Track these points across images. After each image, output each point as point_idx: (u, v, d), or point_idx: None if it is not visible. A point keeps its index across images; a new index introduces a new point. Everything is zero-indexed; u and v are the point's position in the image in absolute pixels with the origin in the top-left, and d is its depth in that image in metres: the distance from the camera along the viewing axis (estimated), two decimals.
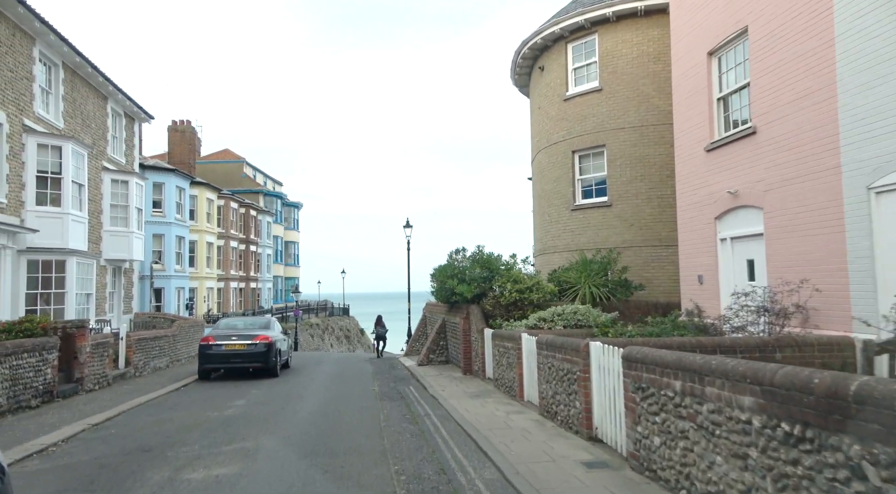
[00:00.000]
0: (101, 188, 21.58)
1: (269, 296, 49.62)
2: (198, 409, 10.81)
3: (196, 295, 35.16)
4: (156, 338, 17.81)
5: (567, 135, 17.42)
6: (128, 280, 24.15)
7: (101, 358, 13.76)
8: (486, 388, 12.34)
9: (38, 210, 16.65)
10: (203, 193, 36.07)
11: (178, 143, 46.53)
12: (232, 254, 41.34)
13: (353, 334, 57.04)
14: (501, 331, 11.80)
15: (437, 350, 18.39)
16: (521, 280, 13.65)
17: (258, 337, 15.67)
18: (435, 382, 13.80)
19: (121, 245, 22.26)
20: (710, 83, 11.37)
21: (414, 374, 16.11)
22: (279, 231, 53.32)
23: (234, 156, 53.46)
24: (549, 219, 18.11)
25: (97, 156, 21.27)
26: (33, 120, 16.88)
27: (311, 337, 43.70)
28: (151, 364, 17.26)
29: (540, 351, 9.05)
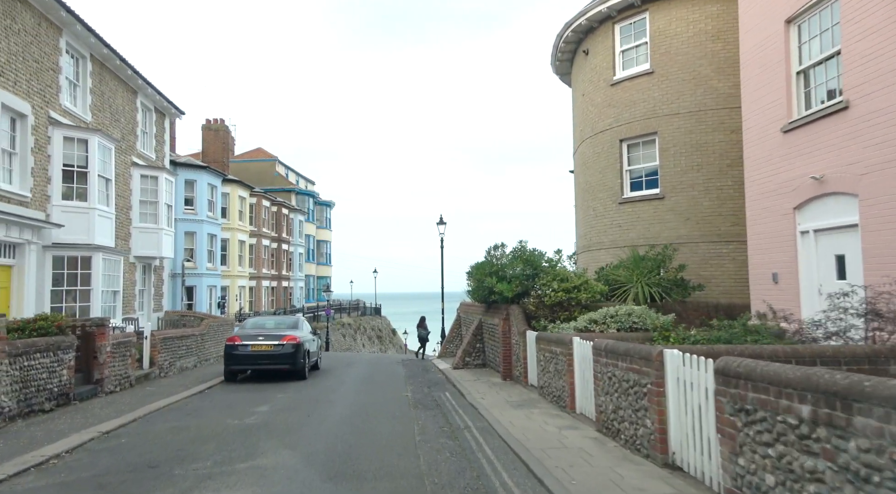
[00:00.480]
0: (130, 184, 21.20)
1: (301, 295, 49.33)
2: (218, 416, 9.99)
3: (228, 293, 34.88)
4: (182, 337, 17.22)
5: (614, 122, 16.13)
6: (158, 277, 23.79)
7: (122, 358, 13.13)
8: (529, 397, 11.21)
9: (63, 205, 16.22)
10: (235, 191, 35.79)
11: (211, 142, 46.63)
12: (264, 253, 41.06)
13: (384, 334, 56.44)
14: (548, 334, 10.66)
15: (474, 352, 17.33)
16: (567, 278, 12.48)
17: (286, 337, 14.88)
18: (472, 388, 12.74)
19: (150, 242, 21.86)
20: (787, 55, 10.01)
21: (449, 378, 15.09)
22: (311, 230, 53.04)
23: (266, 154, 53.43)
24: (594, 213, 16.84)
25: (126, 151, 20.89)
26: (60, 112, 16.47)
27: (343, 337, 43.15)
28: (178, 364, 16.67)
29: (598, 357, 7.89)
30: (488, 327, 16.34)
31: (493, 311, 15.72)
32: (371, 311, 57.77)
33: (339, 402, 11.38)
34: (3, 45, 13.98)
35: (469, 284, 16.97)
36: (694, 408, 5.55)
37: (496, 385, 13.19)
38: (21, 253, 14.74)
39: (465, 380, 14.20)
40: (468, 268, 16.49)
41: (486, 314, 16.70)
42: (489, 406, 10.36)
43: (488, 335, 16.41)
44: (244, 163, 49.82)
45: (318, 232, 55.66)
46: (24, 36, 14.84)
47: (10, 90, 14.18)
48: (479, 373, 15.56)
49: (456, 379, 14.48)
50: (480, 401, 10.92)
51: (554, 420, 8.93)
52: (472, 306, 20.33)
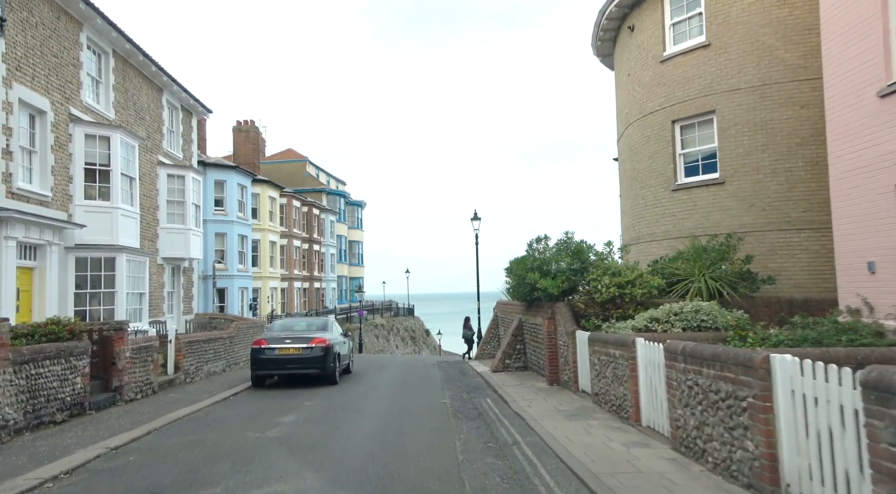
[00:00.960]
0: (157, 183, 20.70)
1: (334, 296, 48.84)
2: (238, 427, 9.09)
3: (259, 295, 34.46)
4: (210, 341, 16.52)
5: (665, 102, 14.73)
6: (187, 279, 23.31)
7: (143, 363, 12.41)
8: (582, 405, 9.98)
9: (86, 204, 15.68)
10: (265, 191, 35.36)
11: (242, 144, 46.57)
12: (295, 254, 40.62)
13: (418, 335, 55.61)
14: (603, 335, 9.43)
15: (514, 354, 16.16)
16: (619, 272, 11.21)
17: (314, 340, 13.98)
18: (517, 394, 11.58)
19: (178, 242, 21.34)
20: (885, 7, 8.56)
21: (489, 383, 13.96)
22: (342, 230, 52.56)
23: (297, 155, 53.19)
24: (644, 202, 15.46)
25: (152, 149, 20.39)
26: (81, 109, 15.94)
27: (376, 338, 42.41)
28: (205, 368, 15.96)
29: (673, 362, 6.66)
30: (530, 327, 15.15)
31: (535, 310, 14.52)
32: (404, 312, 56.99)
33: (371, 411, 10.36)
34: (20, 38, 13.45)
35: (507, 281, 15.81)
36: (821, 431, 4.30)
37: (542, 391, 11.99)
38: (42, 255, 14.22)
39: (506, 385, 13.05)
40: (507, 264, 15.32)
41: (526, 313, 15.51)
42: (538, 416, 9.19)
43: (530, 336, 15.22)
44: (275, 165, 49.62)
45: (350, 232, 55.16)
46: (43, 30, 14.32)
47: (27, 85, 13.65)
48: (521, 377, 14.39)
49: (497, 384, 13.35)
50: (527, 410, 9.76)
51: (617, 434, 7.71)
52: (511, 305, 19.17)
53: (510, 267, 14.52)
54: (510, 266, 14.42)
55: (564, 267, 12.00)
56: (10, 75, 13.05)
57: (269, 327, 15.54)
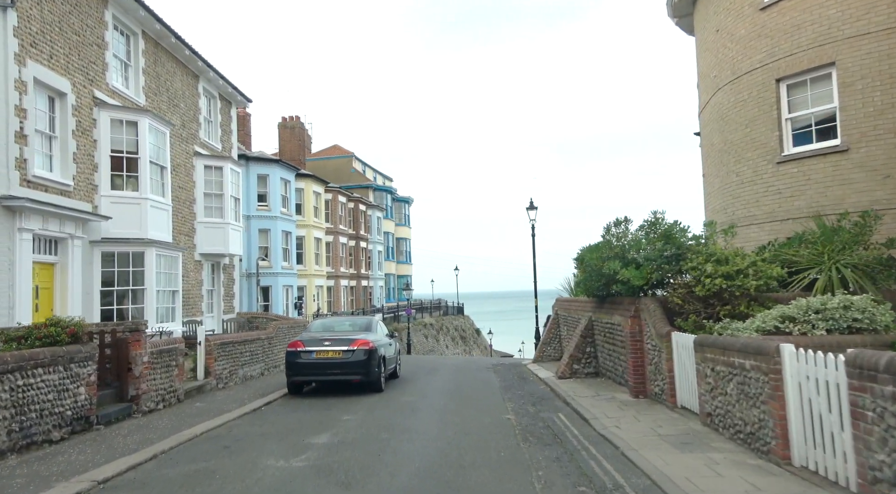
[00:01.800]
0: (193, 175, 19.56)
1: (381, 295, 47.55)
2: (260, 452, 7.42)
3: (305, 293, 33.36)
4: (245, 342, 15.10)
5: (767, 57, 12.28)
6: (228, 276, 22.17)
7: (166, 368, 10.99)
8: (689, 428, 7.82)
9: (112, 195, 14.51)
10: (309, 186, 34.24)
11: (287, 140, 45.88)
12: (341, 251, 39.45)
13: (468, 334, 53.76)
14: (721, 339, 7.25)
15: (583, 359, 14.04)
16: (727, 259, 8.97)
17: (357, 342, 12.29)
18: (596, 409, 9.51)
19: (216, 237, 20.17)
20: None
21: (557, 392, 11.93)
22: (390, 227, 51.24)
23: (343, 151, 52.24)
24: (739, 179, 13.04)
25: (187, 139, 19.25)
26: (107, 92, 14.79)
27: (426, 338, 40.80)
28: (240, 372, 14.55)
29: (866, 383, 4.49)
30: (603, 327, 13.00)
31: (610, 307, 12.36)
32: (453, 311, 55.24)
33: (421, 431, 8.51)
34: (35, 12, 12.30)
35: (575, 274, 13.72)
36: None
37: (627, 405, 9.86)
38: (64, 250, 13.07)
39: (579, 396, 10.98)
40: (576, 254, 13.21)
41: (599, 311, 13.36)
42: (636, 443, 7.11)
43: (604, 337, 13.07)
44: (321, 161, 48.75)
45: (397, 229, 53.82)
46: (62, 4, 13.17)
47: (44, 64, 12.50)
48: (595, 386, 12.27)
49: (566, 394, 11.30)
50: (617, 433, 7.69)
51: (762, 478, 5.57)
52: (576, 302, 17.02)
53: (580, 257, 12.40)
54: (581, 255, 12.31)
55: (654, 253, 9.80)
56: (24, 52, 11.89)
57: (307, 327, 13.97)
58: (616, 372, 12.22)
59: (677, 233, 9.87)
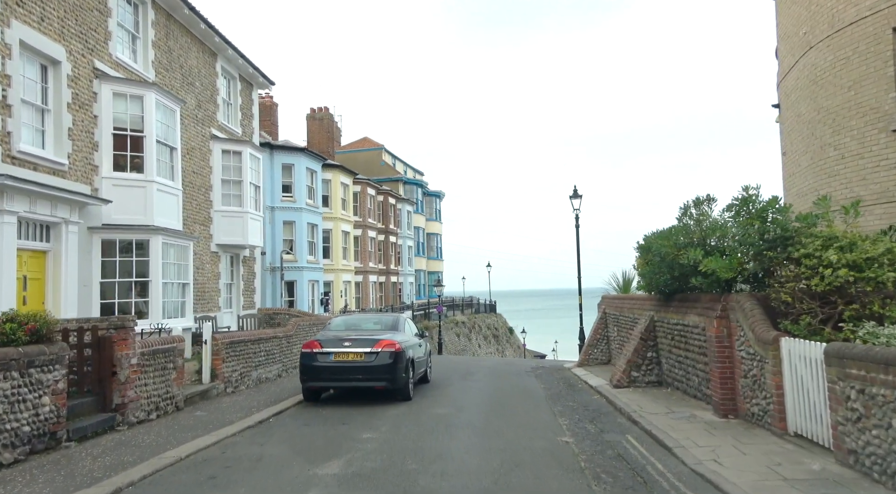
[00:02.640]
0: (210, 159, 18.19)
1: (411, 291, 45.99)
2: (251, 486, 5.75)
3: (332, 289, 31.97)
4: (260, 341, 13.57)
5: (882, 0, 10.09)
6: (248, 270, 20.80)
7: (160, 371, 9.48)
8: (824, 468, 5.81)
9: (115, 177, 13.14)
10: (337, 177, 32.80)
11: (316, 132, 44.66)
12: (370, 245, 37.98)
13: (501, 333, 51.82)
14: (877, 350, 5.26)
15: (643, 365, 12.07)
16: (852, 244, 6.94)
17: (381, 342, 10.60)
18: (677, 433, 7.58)
19: (234, 227, 18.78)
20: None
21: (616, 405, 10.04)
22: (420, 221, 49.63)
23: (372, 143, 50.85)
24: (838, 153, 10.86)
25: (203, 121, 17.88)
26: (110, 64, 13.42)
27: (457, 337, 39.06)
28: (254, 374, 13.03)
29: None
30: (671, 329, 11.01)
31: (681, 305, 10.36)
32: (485, 309, 53.35)
33: (458, 459, 6.73)
34: None
35: (637, 267, 11.76)
36: None
37: (715, 427, 7.89)
38: (57, 236, 11.73)
39: (647, 412, 9.05)
40: (639, 242, 11.24)
41: (664, 309, 11.37)
42: (754, 490, 5.19)
43: (671, 341, 11.07)
44: (350, 154, 47.44)
45: (428, 224, 52.17)
46: None
47: (33, 27, 11.14)
48: (662, 399, 10.31)
49: (630, 409, 9.38)
50: (722, 473, 5.77)
51: None
52: (629, 300, 15.05)
53: (646, 246, 10.43)
54: (646, 243, 10.33)
55: (751, 236, 7.77)
56: (8, 11, 10.53)
57: (326, 325, 12.35)
58: (689, 384, 10.22)
59: (778, 212, 7.81)
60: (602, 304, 18.54)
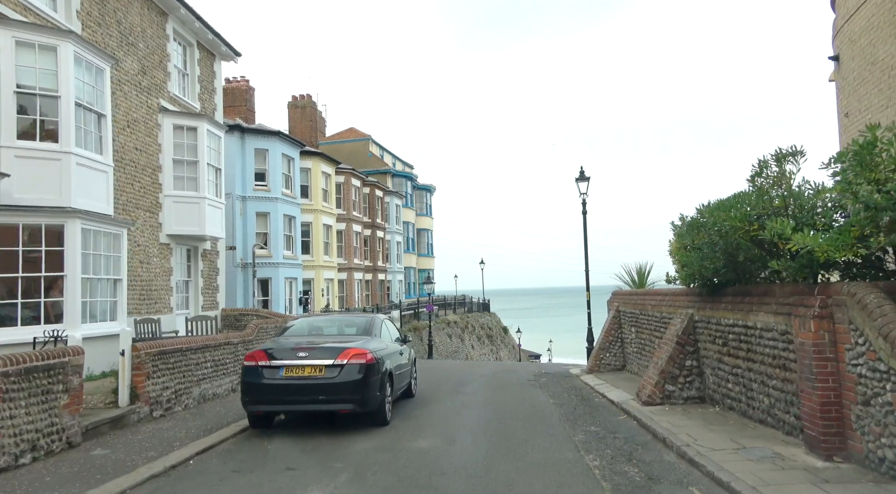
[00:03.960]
0: (159, 135, 15.58)
1: (401, 290, 43.44)
2: None
3: (312, 287, 29.39)
4: (204, 349, 10.99)
5: None
6: (208, 265, 18.20)
7: (40, 397, 6.90)
8: None
9: (19, 146, 10.53)
10: (317, 166, 30.18)
11: (298, 120, 42.14)
12: (355, 240, 35.40)
13: (495, 333, 49.38)
14: None
15: (681, 376, 9.64)
16: None
17: (348, 352, 8.11)
18: (771, 490, 5.14)
19: (188, 215, 16.18)
20: None
21: (655, 433, 7.62)
22: (410, 216, 47.08)
23: (359, 134, 48.23)
24: None
25: (150, 90, 15.26)
26: (15, 6, 10.81)
27: (449, 338, 36.57)
28: (196, 391, 10.46)
29: None
30: (725, 332, 8.57)
31: (742, 300, 7.92)
32: (479, 307, 50.90)
33: None
34: None
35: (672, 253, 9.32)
36: None
37: (823, 477, 5.46)
38: None
39: (705, 446, 6.62)
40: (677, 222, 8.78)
41: (711, 306, 8.93)
42: None
43: (725, 347, 8.63)
44: (335, 145, 44.80)
45: (418, 219, 49.64)
46: None
47: None
48: (715, 422, 7.88)
49: (677, 439, 6.96)
50: None
51: None
52: (655, 296, 12.67)
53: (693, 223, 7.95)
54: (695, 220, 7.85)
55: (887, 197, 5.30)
56: None
57: (283, 330, 9.80)
58: (752, 404, 7.77)
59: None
60: (614, 302, 16.14)
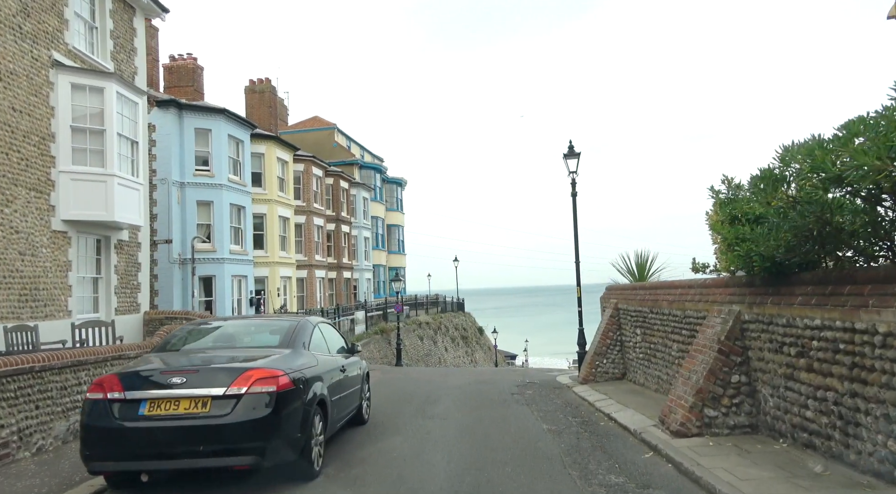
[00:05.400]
0: (51, 96, 12.48)
1: (369, 289, 40.50)
2: None
3: (267, 286, 26.31)
4: (77, 367, 8.01)
5: None
6: (126, 259, 15.11)
7: None
8: None
9: None
10: (272, 151, 27.09)
11: (256, 106, 38.77)
12: (317, 235, 32.37)
13: (470, 334, 46.83)
14: None
15: (727, 397, 7.09)
16: None
17: (248, 376, 5.32)
18: None
19: (92, 197, 13.11)
20: None
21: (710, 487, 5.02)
22: (379, 211, 44.15)
23: (323, 123, 45.13)
24: None
25: (37, 38, 12.15)
26: None
27: (420, 340, 33.81)
28: (60, 427, 7.52)
29: None
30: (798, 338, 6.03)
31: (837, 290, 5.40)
32: (453, 307, 48.26)
33: None
34: None
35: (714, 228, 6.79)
36: None
37: None
38: None
39: None
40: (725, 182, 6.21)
41: (772, 301, 6.41)
42: None
43: (802, 359, 6.09)
44: (297, 134, 41.63)
45: (389, 214, 46.75)
46: None
47: None
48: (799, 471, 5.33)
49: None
50: None
51: None
52: (672, 289, 10.19)
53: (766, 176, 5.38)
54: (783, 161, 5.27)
55: None
56: None
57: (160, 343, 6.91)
58: (854, 446, 5.21)
59: None
60: (610, 298, 13.66)
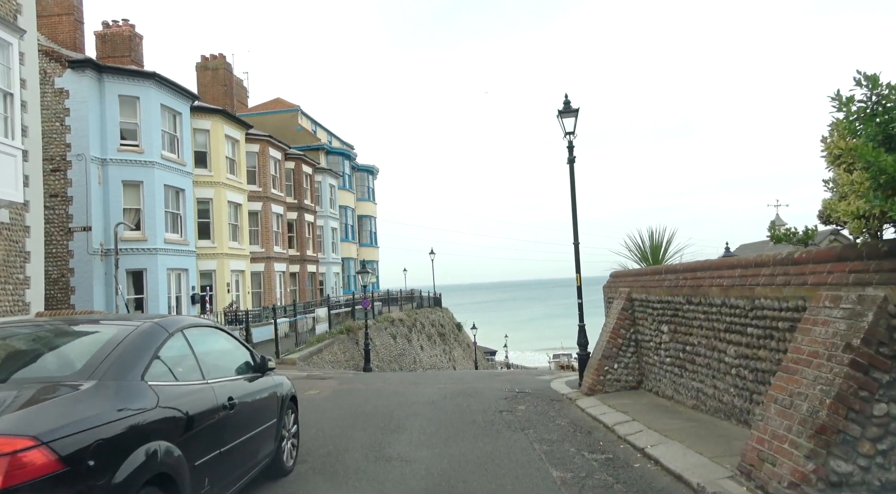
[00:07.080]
0: None
1: (337, 283, 37.35)
2: None
3: (214, 281, 23.05)
4: None
5: None
6: (7, 247, 11.85)
7: None
8: None
9: None
10: (219, 127, 23.76)
11: (209, 85, 35.16)
12: (276, 224, 29.13)
13: (447, 330, 44.00)
14: None
15: (869, 441, 4.25)
16: None
17: None
18: None
19: None
20: None
21: None
22: (348, 200, 40.99)
23: (287, 105, 41.69)
24: None
25: None
26: None
27: (393, 339, 30.82)
28: None
29: None
30: None
31: None
32: (429, 302, 45.34)
33: None
34: None
35: (841, 151, 3.86)
36: None
37: None
38: None
39: None
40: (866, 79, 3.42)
41: None
42: None
43: None
44: (257, 117, 38.15)
45: (359, 204, 43.58)
46: None
47: None
48: None
49: None
50: None
51: None
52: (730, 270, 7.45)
53: None
54: None
55: None
56: None
57: None
58: None
59: None
60: (618, 286, 10.92)
